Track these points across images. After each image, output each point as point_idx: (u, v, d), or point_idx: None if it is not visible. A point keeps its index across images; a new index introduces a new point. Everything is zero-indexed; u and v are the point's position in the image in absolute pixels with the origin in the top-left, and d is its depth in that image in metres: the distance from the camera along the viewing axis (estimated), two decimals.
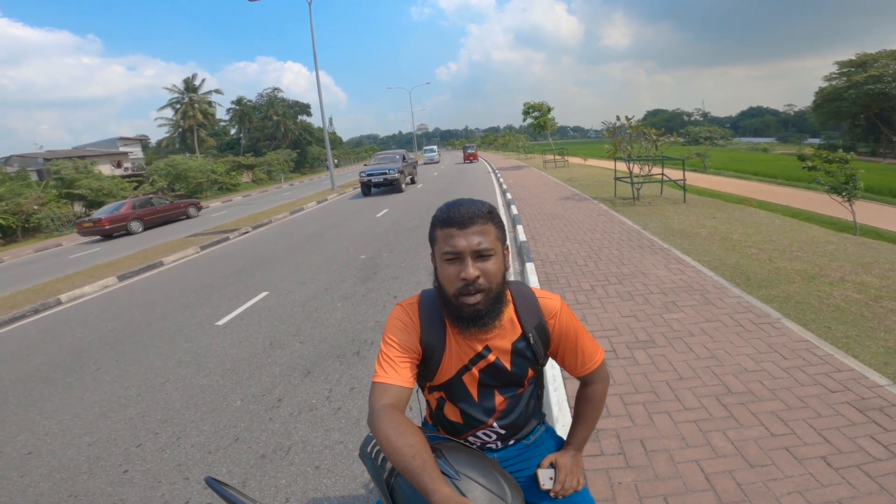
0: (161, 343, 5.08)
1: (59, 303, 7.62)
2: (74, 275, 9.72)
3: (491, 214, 1.15)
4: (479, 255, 1.11)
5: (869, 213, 10.39)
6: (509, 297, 1.23)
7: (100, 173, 28.38)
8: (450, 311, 1.17)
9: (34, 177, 28.83)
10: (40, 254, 16.02)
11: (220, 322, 5.50)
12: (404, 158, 19.97)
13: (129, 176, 34.48)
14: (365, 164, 21.56)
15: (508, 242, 1.23)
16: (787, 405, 2.67)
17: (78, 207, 25.10)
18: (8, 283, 10.55)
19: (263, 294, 6.43)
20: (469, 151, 39.17)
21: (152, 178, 32.58)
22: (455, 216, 1.12)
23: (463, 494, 1.00)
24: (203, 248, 11.16)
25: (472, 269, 1.09)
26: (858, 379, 2.86)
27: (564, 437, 1.45)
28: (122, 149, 41.94)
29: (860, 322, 3.67)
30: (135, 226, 17.34)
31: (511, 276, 4.06)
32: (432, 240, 1.18)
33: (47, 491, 2.80)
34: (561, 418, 2.76)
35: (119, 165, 38.72)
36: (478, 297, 1.12)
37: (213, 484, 0.94)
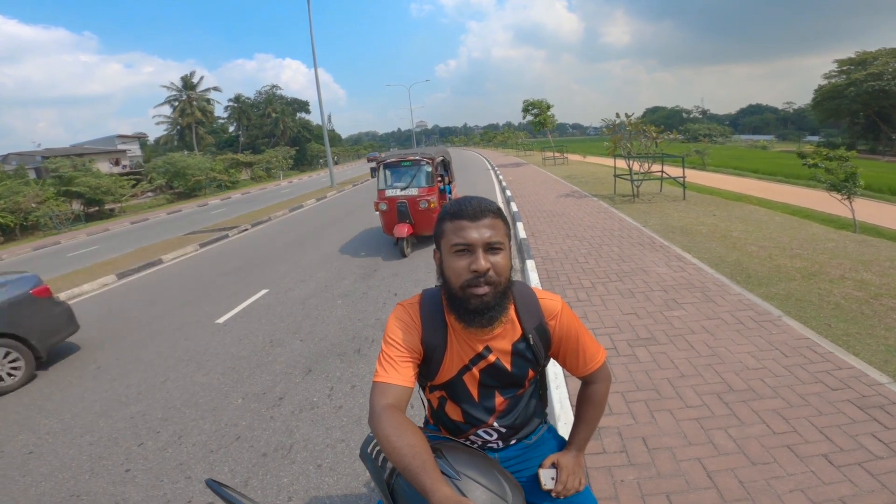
0: (161, 341, 5.08)
1: None
2: (73, 273, 9.69)
3: (499, 211, 1.17)
4: (490, 248, 1.11)
5: (868, 210, 10.39)
6: (510, 295, 1.22)
7: (98, 171, 28.28)
8: (455, 305, 1.16)
9: (32, 175, 28.74)
10: (39, 252, 15.97)
11: (220, 320, 5.50)
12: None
13: (127, 173, 34.37)
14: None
15: (511, 242, 1.23)
16: (789, 403, 2.68)
17: (76, 205, 25.02)
18: None
19: (263, 292, 6.42)
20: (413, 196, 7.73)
21: (150, 176, 32.47)
22: (467, 209, 1.13)
23: (463, 494, 1.00)
24: (202, 245, 11.13)
25: (482, 261, 1.09)
26: (859, 377, 2.87)
27: (566, 436, 1.45)
28: (120, 146, 41.84)
29: (860, 320, 3.67)
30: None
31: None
32: (439, 234, 1.17)
33: (49, 490, 2.80)
34: (563, 416, 2.77)
35: (117, 163, 38.64)
36: (487, 290, 1.11)
37: (214, 486, 0.93)
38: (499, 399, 1.26)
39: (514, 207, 10.61)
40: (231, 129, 58.81)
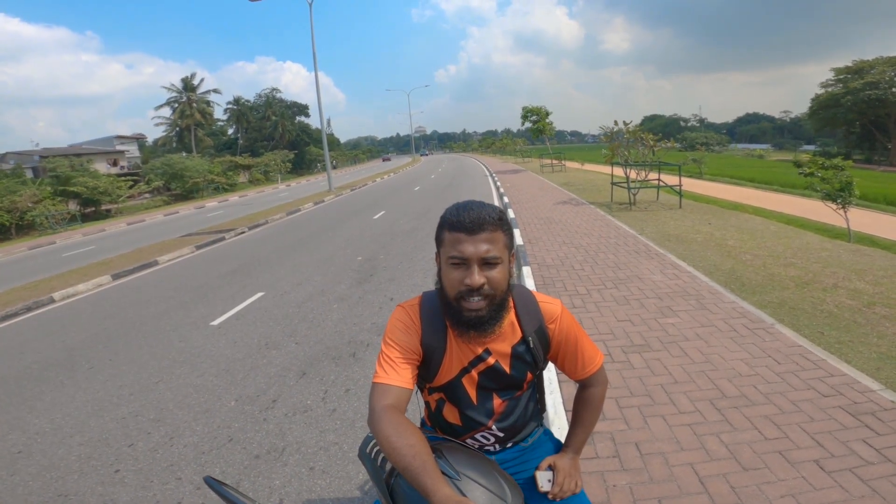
0: (155, 342, 5.05)
1: (52, 301, 7.56)
2: (68, 273, 9.64)
3: (501, 221, 1.13)
4: (486, 263, 1.09)
5: (863, 220, 10.46)
6: (510, 302, 1.22)
7: (95, 171, 28.26)
8: (450, 314, 1.16)
9: (29, 174, 28.68)
10: (34, 251, 15.90)
11: (215, 322, 5.48)
12: None
13: (124, 174, 34.33)
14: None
15: (514, 250, 1.22)
16: (781, 409, 2.69)
17: (73, 205, 24.94)
18: (1, 280, 10.47)
19: (259, 295, 6.41)
20: None
21: (148, 177, 32.46)
22: (465, 220, 1.10)
23: (463, 495, 1.00)
24: (198, 247, 11.11)
25: (477, 277, 1.08)
26: (851, 384, 2.88)
27: (561, 439, 1.45)
28: (118, 147, 41.81)
29: (853, 328, 3.69)
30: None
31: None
32: (439, 241, 1.17)
33: (37, 490, 2.77)
34: (557, 421, 2.76)
35: (115, 164, 38.59)
36: (481, 304, 1.11)
37: (213, 483, 0.93)
38: (497, 401, 1.26)
39: (511, 214, 10.64)
40: (230, 131, 58.92)
